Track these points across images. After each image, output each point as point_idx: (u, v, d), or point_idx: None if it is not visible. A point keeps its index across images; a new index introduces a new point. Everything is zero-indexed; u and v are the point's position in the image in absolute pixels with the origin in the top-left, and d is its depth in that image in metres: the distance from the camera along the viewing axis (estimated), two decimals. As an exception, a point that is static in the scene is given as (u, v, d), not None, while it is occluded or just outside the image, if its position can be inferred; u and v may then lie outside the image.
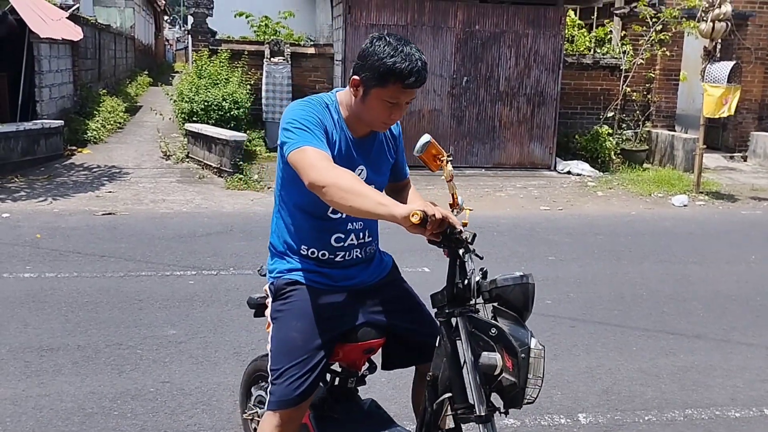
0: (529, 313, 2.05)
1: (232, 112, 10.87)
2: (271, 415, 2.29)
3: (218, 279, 5.69)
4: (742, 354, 4.48)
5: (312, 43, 13.13)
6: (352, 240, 2.41)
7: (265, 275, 2.62)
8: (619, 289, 5.69)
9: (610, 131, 11.92)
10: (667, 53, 12.31)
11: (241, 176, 9.57)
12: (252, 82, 11.92)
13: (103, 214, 7.70)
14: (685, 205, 9.27)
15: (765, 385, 4.05)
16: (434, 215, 1.93)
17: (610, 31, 13.21)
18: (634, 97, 12.41)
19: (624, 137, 12.23)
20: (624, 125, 12.45)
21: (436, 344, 2.22)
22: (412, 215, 1.90)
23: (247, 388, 2.95)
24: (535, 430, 3.52)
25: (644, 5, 12.07)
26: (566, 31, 11.83)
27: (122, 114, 14.12)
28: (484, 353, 2.03)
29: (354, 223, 2.40)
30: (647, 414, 3.71)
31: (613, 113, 12.26)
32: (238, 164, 9.77)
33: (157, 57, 34.29)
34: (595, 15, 15.02)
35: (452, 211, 2.23)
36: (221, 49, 12.04)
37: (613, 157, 11.74)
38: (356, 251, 2.43)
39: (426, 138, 2.29)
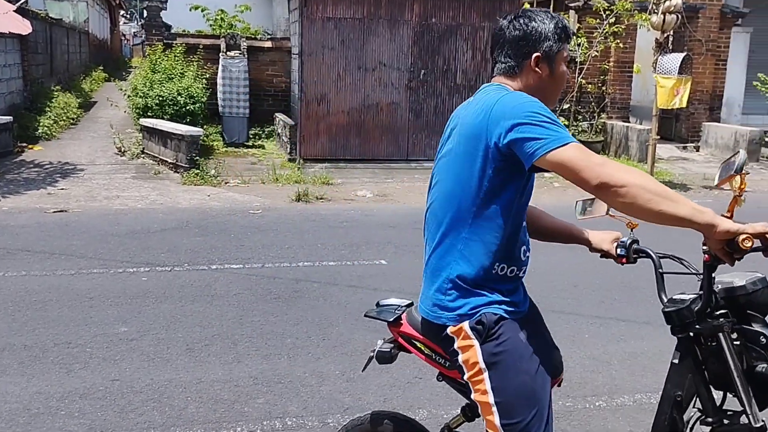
0: None
1: (187, 107, 10.73)
2: None
3: (172, 275, 5.61)
4: None
5: (269, 36, 13.03)
6: (528, 251, 2.14)
7: (390, 314, 2.32)
8: (572, 278, 5.77)
9: (567, 123, 12.06)
10: (621, 45, 12.51)
11: (198, 171, 9.46)
12: (208, 77, 11.78)
13: (55, 212, 7.54)
14: (638, 195, 9.43)
15: None
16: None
17: (566, 24, 13.35)
18: (589, 89, 12.59)
19: (580, 129, 12.40)
20: (580, 117, 12.63)
21: (675, 362, 2.10)
22: (745, 240, 1.76)
23: None
24: (487, 418, 3.54)
25: (598, -2, 12.26)
26: (522, 24, 11.92)
27: (76, 110, 13.84)
28: (762, 364, 1.91)
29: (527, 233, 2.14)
30: (598, 400, 3.78)
31: (569, 105, 12.41)
32: (194, 159, 9.65)
33: (113, 52, 33.64)
34: (551, 8, 15.19)
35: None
36: (176, 44, 11.88)
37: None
38: (527, 266, 2.15)
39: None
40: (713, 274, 1.98)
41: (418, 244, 2.54)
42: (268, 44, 12.57)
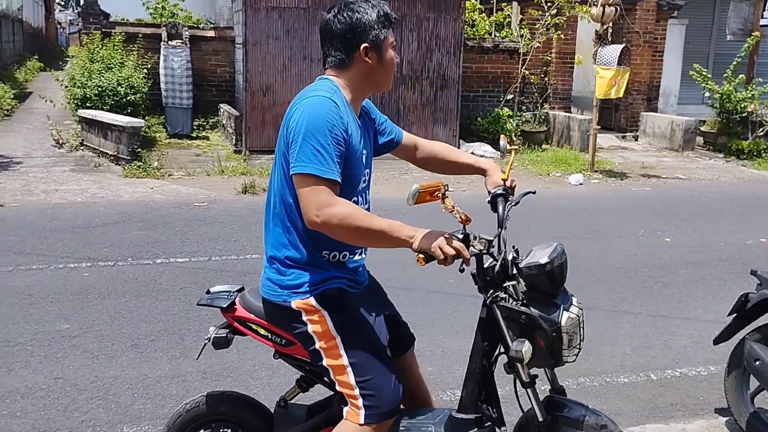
0: (563, 283, 2.22)
1: (128, 98, 10.48)
2: (375, 428, 2.19)
3: (115, 270, 5.50)
4: (630, 323, 4.73)
5: (212, 25, 12.81)
6: None
7: (223, 300, 2.43)
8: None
9: (511, 113, 12.24)
10: (562, 37, 12.75)
11: (140, 164, 9.26)
12: (149, 67, 11.52)
13: (-10, 207, 7.29)
14: (580, 184, 9.65)
15: (650, 351, 4.30)
16: (440, 257, 2.02)
17: (509, 15, 13.54)
18: (532, 80, 12.80)
19: (524, 119, 12.59)
20: (523, 107, 12.83)
21: (483, 316, 2.31)
22: (417, 260, 2.05)
23: None
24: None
25: (540, -10, 12.45)
26: (466, 15, 12.03)
27: (10, 101, 13.35)
28: (513, 344, 2.16)
29: None
30: (542, 384, 3.85)
31: (512, 95, 12.59)
32: (136, 151, 9.44)
33: (48, 41, 32.57)
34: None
35: (464, 227, 2.26)
36: (115, 32, 11.58)
37: (514, 139, 12.07)
38: (362, 248, 2.33)
39: (414, 188, 2.26)
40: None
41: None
42: (211, 33, 12.36)
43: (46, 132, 11.05)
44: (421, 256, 2.03)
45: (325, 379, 2.31)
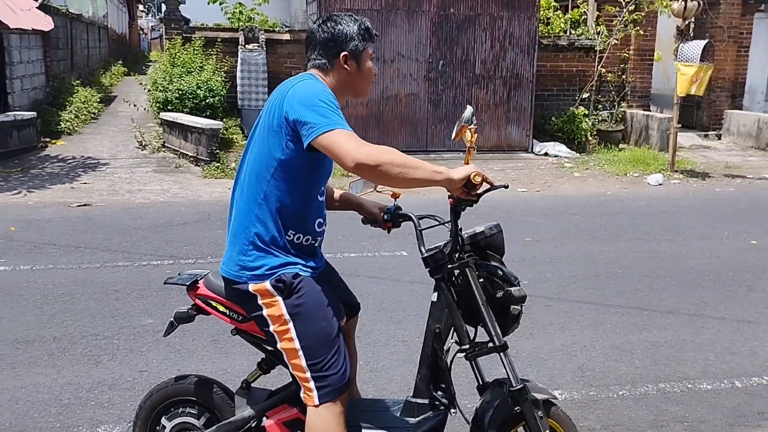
0: (503, 254, 2.49)
1: (207, 100, 10.79)
2: (330, 405, 2.33)
3: (196, 268, 5.67)
4: (713, 328, 4.55)
5: (287, 29, 13.04)
6: (324, 224, 2.49)
7: (192, 282, 2.57)
8: (594, 267, 5.76)
9: (586, 112, 11.99)
10: (641, 33, 12.39)
11: (218, 164, 9.53)
12: (226, 70, 11.83)
13: (79, 206, 7.64)
14: (660, 184, 9.36)
15: (735, 357, 4.13)
16: (484, 176, 2.25)
17: (585, 12, 13.26)
18: (609, 78, 12.49)
19: (600, 118, 12.31)
20: (600, 106, 12.54)
21: (435, 300, 2.48)
22: (475, 176, 2.21)
23: (151, 421, 2.71)
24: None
25: (618, -15, 12.14)
26: (541, 13, 11.85)
27: (96, 104, 13.96)
28: (514, 288, 2.38)
29: (325, 209, 2.51)
30: (621, 389, 3.77)
31: (588, 94, 12.33)
32: (214, 152, 9.72)
33: (132, 46, 33.88)
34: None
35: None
36: (195, 37, 11.93)
37: (590, 138, 11.81)
38: (324, 235, 2.50)
39: (470, 109, 2.52)
40: (458, 220, 2.43)
41: (438, 236, 2.61)
42: (287, 36, 12.58)
43: (131, 134, 11.51)
44: (481, 174, 2.22)
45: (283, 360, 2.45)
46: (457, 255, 2.42)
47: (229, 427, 2.56)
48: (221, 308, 2.52)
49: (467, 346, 2.44)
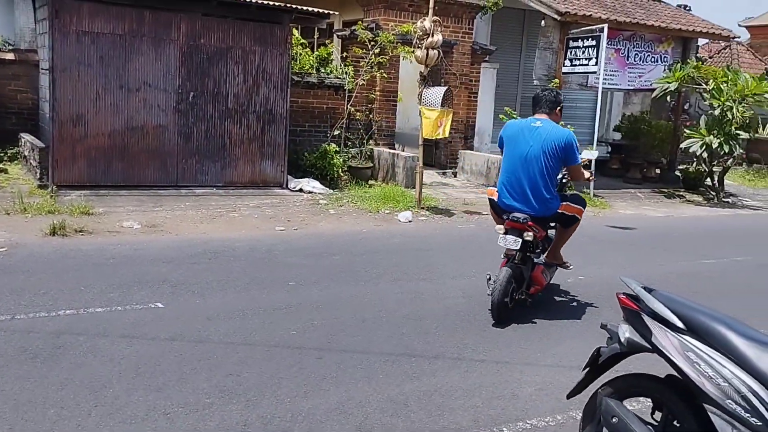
0: None
1: None
2: None
3: None
4: (476, 371, 4.73)
5: (11, 48, 11.56)
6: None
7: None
8: (360, 312, 5.74)
9: (338, 149, 12.25)
10: (386, 75, 13.03)
11: None
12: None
13: None
14: (410, 221, 9.80)
15: (500, 402, 4.30)
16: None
17: (332, 51, 13.61)
18: (357, 116, 12.92)
19: (350, 155, 12.65)
20: (350, 143, 12.89)
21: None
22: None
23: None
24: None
25: (362, 29, 12.64)
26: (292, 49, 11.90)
27: None
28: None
29: None
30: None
31: (339, 131, 12.62)
32: None
33: None
34: (317, 34, 15.39)
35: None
36: None
37: (341, 174, 12.06)
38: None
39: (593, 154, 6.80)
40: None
41: (197, 282, 2.37)
42: (11, 56, 11.14)
43: None
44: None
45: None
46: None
47: None
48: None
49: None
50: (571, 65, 14.25)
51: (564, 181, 6.38)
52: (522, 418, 4.10)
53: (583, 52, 13.94)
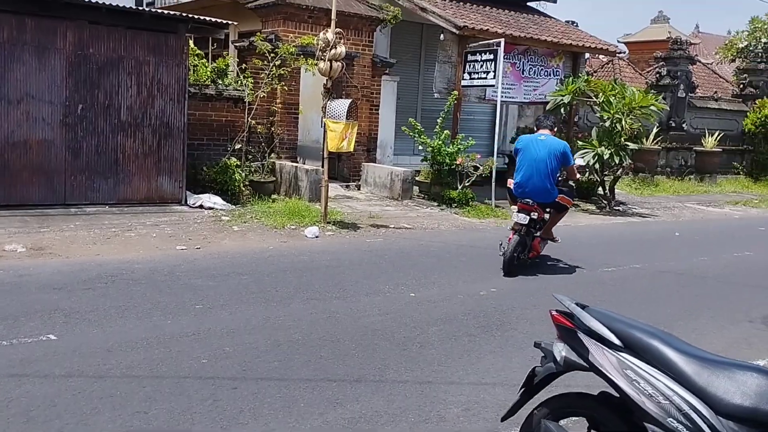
0: None
1: None
2: None
3: None
4: (401, 394, 4.56)
5: None
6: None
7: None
8: (274, 336, 5.47)
9: (239, 163, 11.85)
10: (286, 88, 12.76)
11: None
12: None
13: None
14: (317, 237, 9.57)
15: (428, 426, 4.16)
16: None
17: (230, 62, 13.21)
18: (259, 129, 12.57)
19: (252, 169, 12.27)
20: (251, 156, 12.51)
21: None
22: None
23: None
24: None
25: (261, 40, 12.34)
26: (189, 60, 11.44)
27: None
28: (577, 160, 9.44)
29: None
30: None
31: (240, 145, 12.22)
32: None
33: None
34: (213, 45, 14.93)
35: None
36: None
37: (243, 189, 11.67)
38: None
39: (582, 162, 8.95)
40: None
41: (93, 310, 2.13)
42: None
43: None
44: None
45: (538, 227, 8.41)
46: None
47: None
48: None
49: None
50: (470, 78, 14.46)
51: (561, 179, 8.62)
52: (453, 441, 3.97)
53: (482, 66, 14.19)
